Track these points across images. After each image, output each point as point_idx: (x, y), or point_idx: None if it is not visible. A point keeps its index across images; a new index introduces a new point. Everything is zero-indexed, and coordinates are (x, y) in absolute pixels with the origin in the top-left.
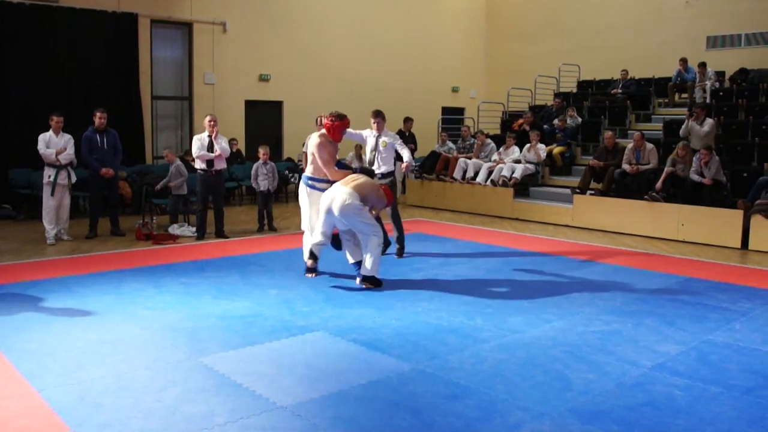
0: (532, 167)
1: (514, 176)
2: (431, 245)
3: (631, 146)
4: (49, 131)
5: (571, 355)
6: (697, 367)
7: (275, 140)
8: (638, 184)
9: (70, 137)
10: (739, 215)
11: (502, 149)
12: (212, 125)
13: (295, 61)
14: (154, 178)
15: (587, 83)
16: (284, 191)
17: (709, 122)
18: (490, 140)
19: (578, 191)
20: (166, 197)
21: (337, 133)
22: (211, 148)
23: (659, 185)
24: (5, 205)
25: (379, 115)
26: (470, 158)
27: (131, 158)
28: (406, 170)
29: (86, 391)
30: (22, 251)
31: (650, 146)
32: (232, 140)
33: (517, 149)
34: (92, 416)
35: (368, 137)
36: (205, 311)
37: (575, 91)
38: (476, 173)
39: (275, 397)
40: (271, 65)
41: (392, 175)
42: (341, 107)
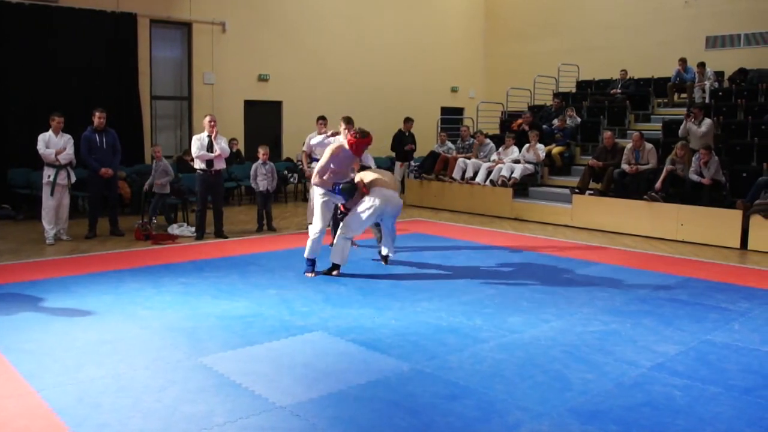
0: (531, 167)
1: (513, 176)
2: (430, 245)
3: (630, 146)
4: (48, 131)
5: (570, 355)
6: (696, 367)
7: (274, 140)
8: (637, 184)
9: (69, 137)
10: (738, 215)
11: (501, 149)
12: (212, 125)
13: (294, 61)
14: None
15: (586, 83)
16: (283, 191)
17: (707, 122)
18: (488, 140)
19: (577, 191)
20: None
21: (360, 149)
22: (210, 148)
23: (658, 185)
24: (4, 205)
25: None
26: (469, 158)
27: (130, 158)
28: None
29: (85, 391)
30: (21, 251)
31: (649, 146)
32: (231, 140)
33: (516, 149)
34: (91, 416)
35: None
36: (204, 311)
37: (574, 91)
38: (475, 173)
39: (274, 397)
40: (270, 65)
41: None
42: (341, 107)
